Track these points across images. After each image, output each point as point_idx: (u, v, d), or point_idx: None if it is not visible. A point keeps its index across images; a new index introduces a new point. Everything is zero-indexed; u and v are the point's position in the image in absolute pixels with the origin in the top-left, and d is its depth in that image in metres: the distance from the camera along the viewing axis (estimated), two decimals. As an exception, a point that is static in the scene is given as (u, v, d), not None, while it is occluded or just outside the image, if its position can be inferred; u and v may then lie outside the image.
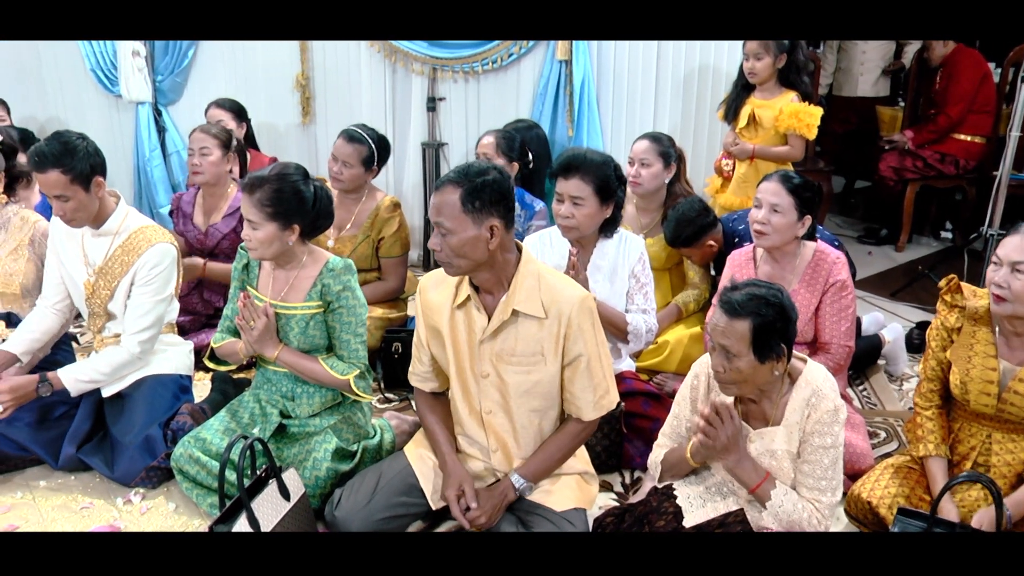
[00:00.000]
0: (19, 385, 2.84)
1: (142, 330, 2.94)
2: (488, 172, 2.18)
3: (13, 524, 2.70)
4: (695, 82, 4.39)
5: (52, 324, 3.08)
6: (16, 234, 3.12)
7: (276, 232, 2.58)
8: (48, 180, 2.74)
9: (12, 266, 3.12)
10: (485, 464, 2.45)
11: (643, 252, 2.98)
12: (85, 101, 5.63)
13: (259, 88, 5.18)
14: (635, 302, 2.97)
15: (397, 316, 3.79)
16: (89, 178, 2.80)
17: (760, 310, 2.07)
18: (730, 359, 2.11)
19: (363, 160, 3.62)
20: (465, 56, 4.60)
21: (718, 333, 2.12)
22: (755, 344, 2.07)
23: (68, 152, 2.74)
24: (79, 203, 2.81)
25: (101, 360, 2.93)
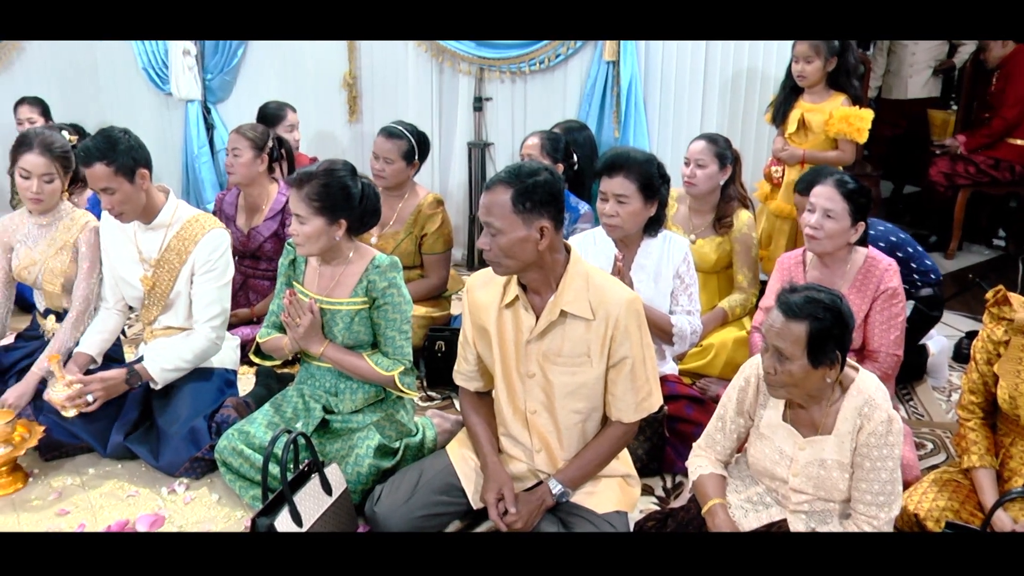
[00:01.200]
0: (109, 378, 2.90)
1: (212, 317, 3.01)
2: (539, 173, 2.18)
3: (64, 509, 2.76)
4: (742, 84, 4.35)
5: (117, 323, 3.18)
6: (64, 233, 3.17)
7: (323, 227, 2.60)
8: (94, 173, 2.82)
9: (58, 264, 3.17)
10: (528, 465, 2.44)
11: (687, 253, 2.96)
12: (136, 99, 5.75)
13: (307, 87, 5.23)
14: (679, 303, 2.95)
15: (440, 315, 3.80)
16: (133, 170, 2.86)
17: (818, 314, 2.03)
18: (783, 361, 2.07)
19: (404, 155, 3.63)
20: (512, 56, 4.61)
21: (773, 334, 2.08)
22: (810, 348, 2.04)
23: (111, 146, 2.82)
24: (125, 195, 2.87)
25: (184, 348, 2.99)
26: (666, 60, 4.45)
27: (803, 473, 2.17)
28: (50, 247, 3.16)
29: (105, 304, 3.16)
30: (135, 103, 5.76)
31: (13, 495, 2.82)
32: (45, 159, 2.99)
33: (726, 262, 3.56)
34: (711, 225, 3.53)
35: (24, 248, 3.19)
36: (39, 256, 3.16)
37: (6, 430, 2.78)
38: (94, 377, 2.89)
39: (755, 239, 3.53)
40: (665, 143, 4.58)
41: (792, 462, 2.19)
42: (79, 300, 3.14)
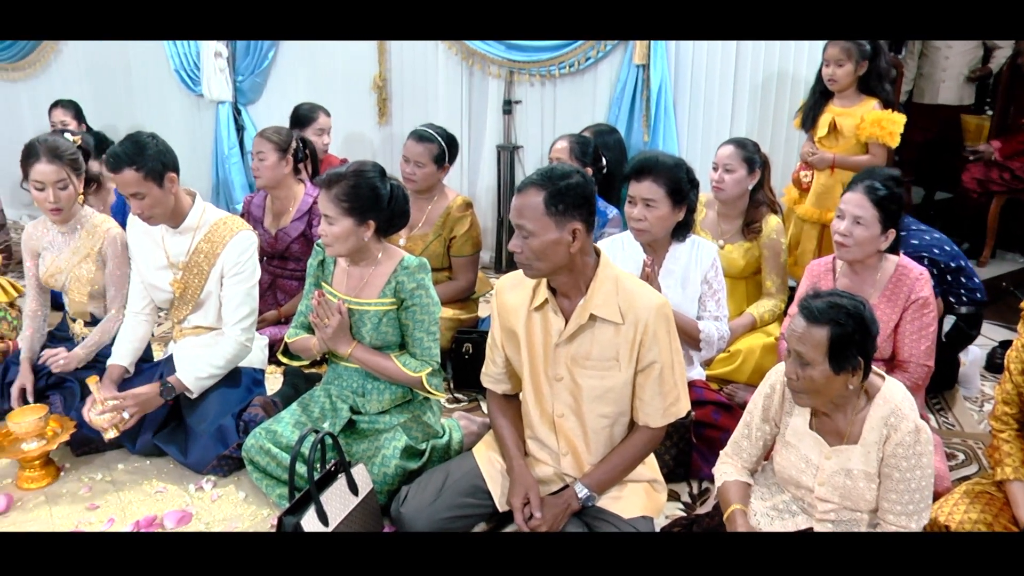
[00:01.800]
0: (143, 394, 2.91)
1: (242, 319, 3.03)
2: (572, 175, 2.17)
3: (94, 503, 2.79)
4: (773, 87, 4.32)
5: (146, 330, 3.19)
6: (87, 241, 3.20)
7: (352, 227, 2.61)
8: (123, 179, 2.84)
9: (84, 272, 3.21)
10: (554, 469, 2.43)
11: (716, 258, 2.95)
12: (168, 101, 5.82)
13: (336, 89, 5.25)
14: (707, 308, 2.94)
15: (468, 317, 3.80)
16: (162, 174, 2.88)
17: (840, 319, 2.01)
18: (804, 367, 2.05)
19: (434, 158, 3.64)
20: (542, 59, 4.60)
21: (795, 339, 2.07)
22: (831, 354, 2.01)
23: (139, 151, 2.84)
24: (154, 199, 2.89)
25: (215, 355, 3.01)
26: (696, 63, 4.43)
27: (829, 482, 2.15)
28: (74, 255, 3.20)
29: (133, 310, 3.17)
30: (167, 104, 5.84)
31: (46, 488, 2.87)
32: (55, 166, 3.01)
33: (754, 267, 3.53)
34: (739, 230, 3.51)
35: (50, 255, 3.24)
36: (64, 264, 3.20)
37: (39, 425, 2.83)
38: (129, 394, 2.90)
39: (784, 244, 3.50)
40: (695, 147, 4.56)
41: (818, 471, 2.16)
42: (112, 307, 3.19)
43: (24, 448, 2.82)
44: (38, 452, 2.82)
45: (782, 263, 3.49)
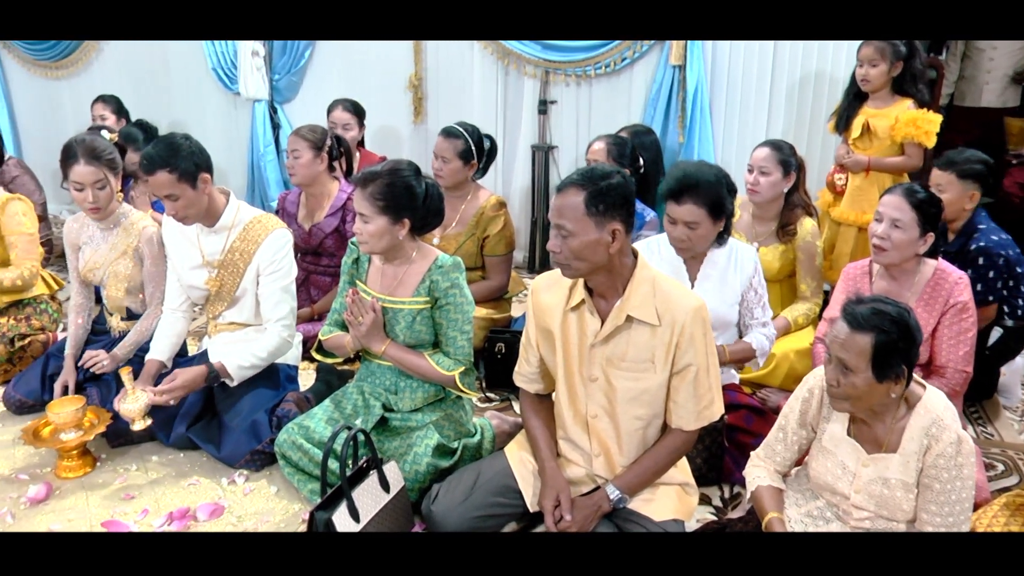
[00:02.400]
0: (189, 378, 2.94)
1: (283, 316, 3.06)
2: (612, 176, 2.16)
3: (129, 493, 2.83)
4: (809, 88, 4.28)
5: (183, 326, 3.23)
6: (125, 238, 3.24)
7: (387, 226, 2.61)
8: (157, 181, 2.86)
9: (121, 268, 3.25)
10: (586, 470, 2.42)
11: (757, 262, 2.91)
12: (205, 98, 5.89)
13: (372, 88, 5.26)
14: (755, 315, 2.90)
15: (501, 317, 3.80)
16: (195, 176, 2.90)
17: (884, 326, 1.97)
18: (846, 374, 2.02)
19: (460, 154, 3.64)
20: (578, 60, 4.59)
21: (837, 345, 2.03)
22: (875, 361, 1.98)
23: (173, 153, 2.86)
24: (188, 200, 2.92)
25: (258, 346, 3.04)
26: (732, 64, 4.40)
27: (865, 490, 2.12)
28: (112, 251, 3.24)
29: (170, 307, 3.21)
30: (204, 102, 5.90)
31: (83, 478, 2.91)
32: (93, 167, 3.05)
33: (789, 270, 3.49)
34: (774, 233, 3.47)
35: (89, 250, 3.29)
36: (102, 260, 3.25)
37: (77, 416, 2.87)
38: (176, 382, 2.91)
39: (819, 247, 3.46)
40: (730, 148, 4.53)
41: (855, 478, 2.13)
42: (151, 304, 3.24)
43: (63, 438, 2.87)
44: (75, 443, 2.88)
45: (817, 266, 3.46)
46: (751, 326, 2.90)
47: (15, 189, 4.82)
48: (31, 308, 3.75)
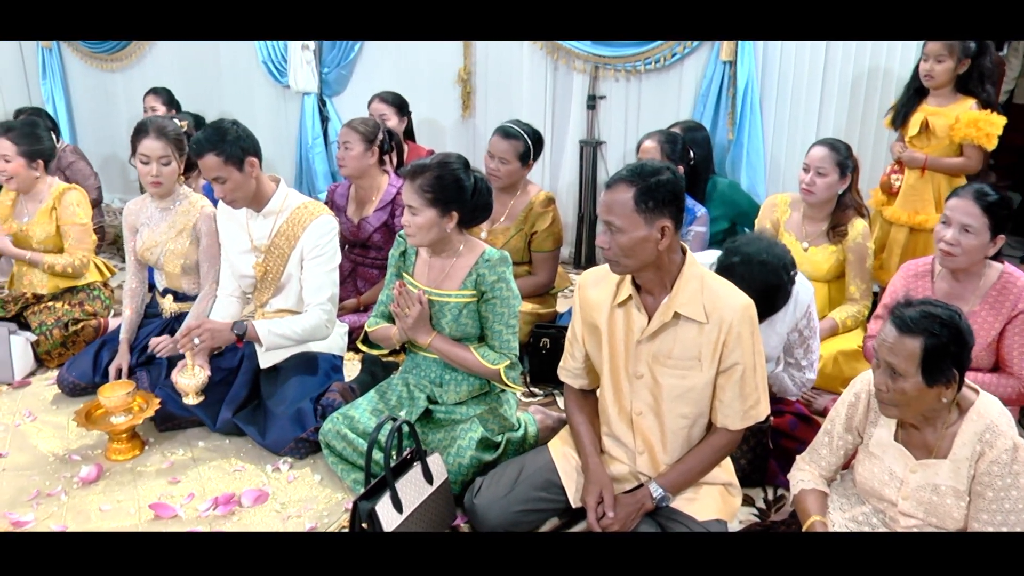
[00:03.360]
0: (216, 325, 3.00)
1: (323, 301, 3.08)
2: (662, 172, 2.14)
3: (175, 477, 2.87)
4: (863, 86, 4.19)
5: (237, 308, 3.30)
6: (183, 217, 3.34)
7: (435, 218, 2.62)
8: (206, 164, 2.94)
9: (177, 246, 3.32)
10: (629, 467, 2.41)
11: (811, 306, 2.80)
12: (255, 91, 5.96)
13: (421, 82, 5.28)
14: (793, 356, 2.83)
15: (547, 312, 3.79)
16: (242, 159, 2.97)
17: (934, 329, 1.93)
18: (895, 379, 1.98)
19: (519, 156, 3.64)
20: (628, 55, 4.55)
21: (885, 349, 1.99)
22: (924, 366, 1.93)
23: (221, 137, 2.93)
24: (235, 183, 2.98)
25: (297, 321, 3.07)
26: (784, 60, 4.32)
27: (913, 497, 2.07)
28: (171, 229, 3.33)
29: (224, 291, 3.29)
30: (253, 95, 5.97)
31: (131, 460, 2.97)
32: (161, 143, 3.18)
33: (838, 271, 3.44)
34: (825, 233, 3.42)
35: (147, 230, 3.38)
36: (160, 238, 3.33)
37: (126, 400, 2.93)
38: (203, 324, 2.96)
39: (870, 249, 3.40)
40: (780, 146, 4.46)
41: (902, 484, 2.09)
42: (206, 283, 3.30)
43: (113, 421, 2.93)
44: (125, 426, 2.93)
45: (867, 268, 3.40)
46: (789, 363, 2.85)
47: (71, 174, 4.99)
48: (84, 294, 3.84)
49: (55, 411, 3.33)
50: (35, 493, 2.78)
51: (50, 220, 3.73)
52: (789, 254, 2.58)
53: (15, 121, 3.74)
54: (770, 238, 2.62)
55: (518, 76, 4.98)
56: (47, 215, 3.73)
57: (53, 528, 2.61)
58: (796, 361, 2.84)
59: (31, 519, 2.65)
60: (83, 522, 2.64)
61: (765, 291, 2.47)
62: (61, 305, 3.77)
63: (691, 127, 4.05)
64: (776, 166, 4.50)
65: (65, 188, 3.76)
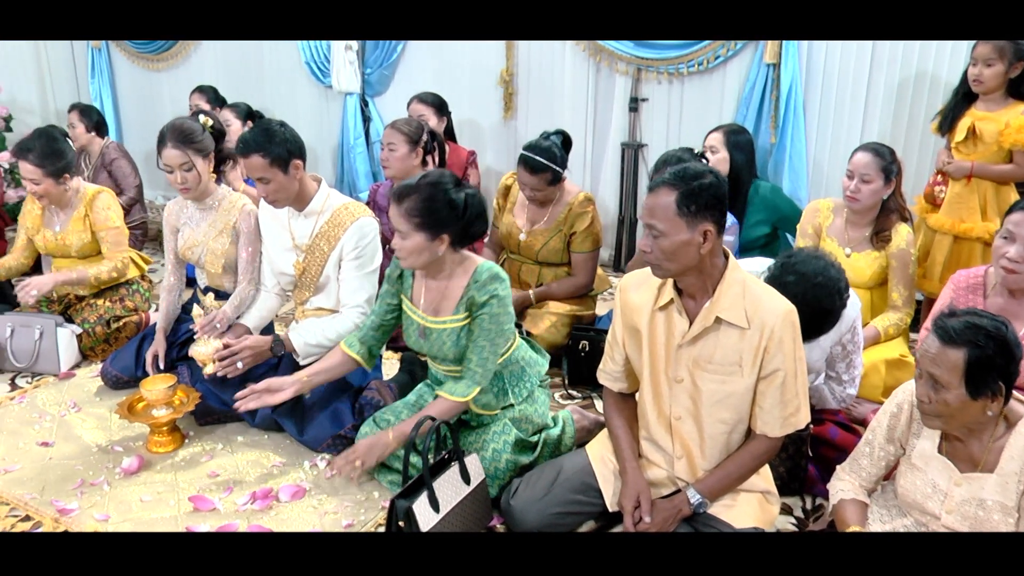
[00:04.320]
0: (257, 344, 3.06)
1: (359, 303, 3.09)
2: (705, 176, 2.12)
3: (214, 471, 2.91)
4: (910, 89, 4.12)
5: (275, 304, 3.35)
6: (224, 216, 3.35)
7: (424, 242, 2.55)
8: (251, 164, 2.95)
9: (218, 245, 3.35)
10: (667, 472, 2.39)
11: (856, 320, 2.76)
12: (297, 91, 6.02)
13: (463, 83, 5.30)
14: (834, 369, 2.80)
15: (586, 314, 3.78)
16: (287, 161, 2.97)
17: (979, 341, 1.88)
18: (937, 390, 1.94)
19: (550, 182, 3.60)
20: (671, 57, 4.53)
21: (928, 360, 1.95)
22: (968, 377, 1.89)
23: (268, 138, 2.94)
24: (279, 184, 3.00)
25: (328, 327, 3.09)
26: (829, 63, 4.27)
27: (958, 511, 2.03)
28: (211, 228, 3.36)
29: (264, 288, 3.33)
30: (296, 94, 6.03)
31: (172, 453, 3.01)
32: (178, 151, 3.18)
33: (881, 278, 3.38)
34: (868, 239, 3.36)
35: (188, 230, 3.41)
36: (201, 238, 3.36)
37: (168, 393, 2.97)
38: (242, 344, 3.05)
39: (914, 255, 3.33)
40: (823, 150, 4.40)
41: (946, 498, 2.05)
42: (243, 280, 3.32)
43: (154, 414, 2.98)
44: (166, 419, 2.97)
45: (911, 275, 3.33)
46: (830, 376, 2.81)
47: (113, 171, 5.09)
48: (124, 289, 3.92)
49: (98, 403, 3.39)
50: (79, 482, 2.83)
51: (84, 227, 3.79)
52: (844, 277, 2.54)
53: (32, 141, 3.64)
54: (827, 258, 2.56)
55: (560, 78, 4.97)
56: (81, 222, 3.79)
57: (96, 517, 2.65)
58: (838, 375, 2.80)
59: (75, 507, 2.70)
60: (124, 512, 2.68)
61: (817, 314, 2.45)
62: (103, 302, 3.85)
63: (734, 130, 4.01)
64: (819, 170, 4.44)
65: (94, 193, 3.79)
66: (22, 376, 3.66)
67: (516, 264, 3.90)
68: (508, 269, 3.94)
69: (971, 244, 3.60)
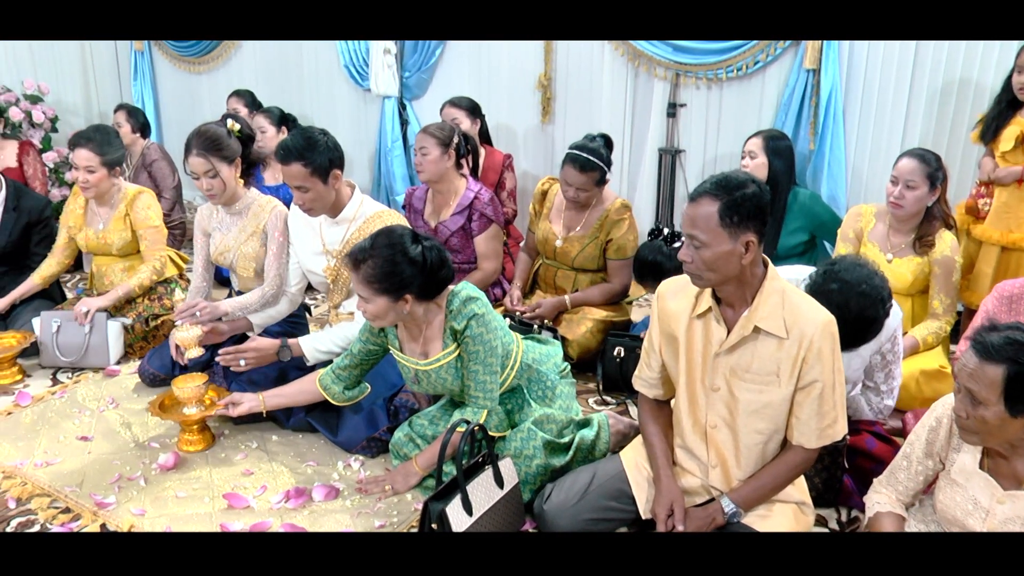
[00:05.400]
0: (263, 346, 3.09)
1: None
2: (747, 185, 2.09)
3: (249, 469, 2.94)
4: (952, 97, 4.04)
5: (286, 307, 3.39)
6: (254, 220, 3.37)
7: (388, 304, 2.53)
8: (291, 172, 2.95)
9: (249, 250, 3.37)
10: (701, 481, 2.37)
11: (898, 330, 2.73)
12: (336, 94, 6.06)
13: (501, 87, 5.30)
14: (873, 379, 2.76)
15: (620, 320, 3.76)
16: (327, 171, 2.98)
17: (1019, 358, 1.83)
18: (975, 406, 1.89)
19: (597, 182, 3.62)
20: (709, 62, 4.49)
21: (965, 375, 1.91)
22: (1007, 394, 1.84)
23: (310, 147, 2.94)
24: (317, 194, 3.00)
25: (337, 333, 3.11)
26: (870, 68, 4.20)
27: (1000, 529, 1.98)
28: (241, 233, 3.38)
29: (286, 290, 3.36)
30: (334, 98, 6.08)
31: (205, 451, 3.04)
32: (202, 158, 3.20)
33: (923, 285, 3.32)
34: (910, 245, 3.31)
35: (219, 234, 3.44)
36: (232, 243, 3.39)
37: (198, 391, 3.00)
38: (249, 345, 3.08)
39: (957, 263, 3.27)
40: (863, 156, 4.34)
41: (988, 515, 2.00)
42: (269, 282, 3.33)
43: (185, 412, 3.01)
44: (196, 417, 3.00)
45: (953, 283, 3.27)
46: (868, 386, 2.77)
47: (153, 172, 5.18)
48: (163, 288, 3.98)
49: (136, 399, 3.44)
50: (117, 477, 2.87)
51: (125, 226, 3.85)
52: (887, 286, 2.51)
53: (90, 131, 3.75)
54: (871, 267, 2.53)
55: (598, 83, 4.95)
56: (122, 221, 3.85)
57: (132, 511, 2.69)
58: (876, 385, 2.77)
59: (113, 501, 2.74)
60: (160, 507, 2.72)
61: (859, 323, 2.43)
62: (142, 300, 3.92)
63: (774, 136, 3.97)
64: (858, 177, 4.38)
65: (136, 192, 3.86)
66: (63, 371, 3.72)
67: (552, 270, 3.89)
68: (544, 274, 3.94)
69: (1020, 255, 3.53)
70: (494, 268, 3.95)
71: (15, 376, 3.64)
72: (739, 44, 4.40)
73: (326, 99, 6.11)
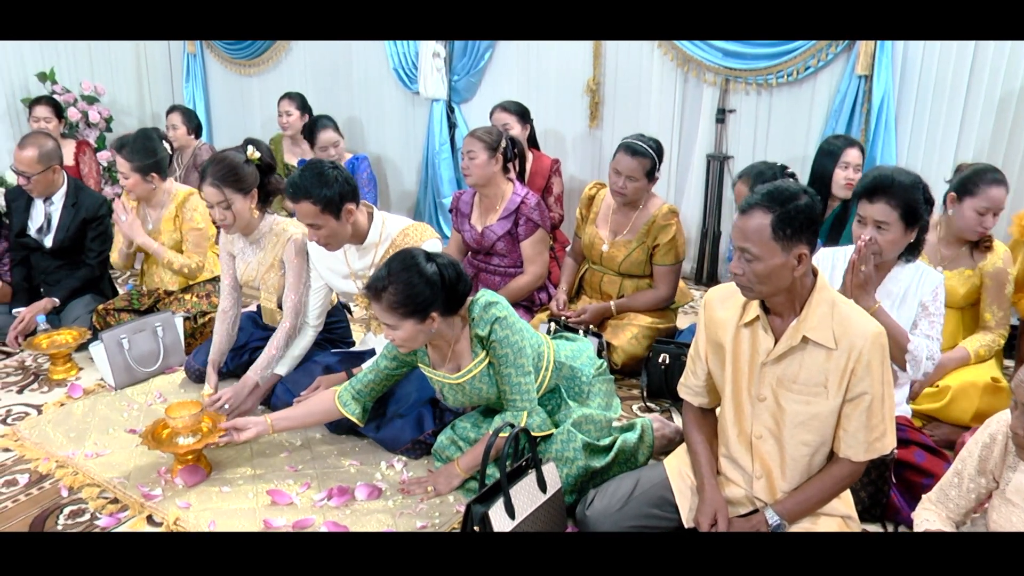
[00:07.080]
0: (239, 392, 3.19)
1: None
2: (799, 196, 2.07)
3: (293, 466, 2.97)
4: (1011, 105, 3.95)
5: (306, 342, 3.33)
6: (271, 251, 3.33)
7: (415, 327, 2.53)
8: (301, 210, 2.90)
9: (271, 280, 3.36)
10: (745, 491, 2.34)
11: (939, 288, 2.73)
12: (385, 97, 6.12)
13: (549, 91, 5.31)
14: (919, 327, 2.72)
15: (666, 327, 3.75)
16: (339, 207, 2.92)
17: None
18: None
19: (647, 173, 3.61)
20: (760, 68, 4.45)
21: (1023, 391, 1.87)
22: None
23: (319, 184, 2.87)
24: (331, 230, 2.95)
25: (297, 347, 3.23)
26: (924, 75, 4.13)
27: (1057, 551, 1.93)
28: (260, 266, 3.36)
29: (307, 322, 3.31)
30: (383, 100, 6.14)
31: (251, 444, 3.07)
32: (215, 189, 3.15)
33: (974, 297, 3.25)
34: (962, 256, 3.24)
35: (241, 262, 3.42)
36: (253, 272, 3.39)
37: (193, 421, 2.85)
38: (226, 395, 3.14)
39: (1011, 275, 3.20)
40: (915, 164, 4.25)
41: (1045, 536, 1.95)
42: (289, 314, 3.26)
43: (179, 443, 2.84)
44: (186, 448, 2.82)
45: (1007, 295, 3.20)
46: (913, 334, 2.72)
47: (202, 171, 5.23)
48: (211, 286, 4.03)
49: (183, 395, 3.51)
50: (163, 470, 2.92)
51: (175, 227, 3.91)
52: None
53: (129, 137, 3.82)
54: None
55: (647, 87, 4.94)
56: (171, 222, 3.91)
57: (178, 504, 2.73)
58: (923, 331, 2.72)
59: (159, 494, 2.79)
60: (204, 501, 2.76)
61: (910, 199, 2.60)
62: (190, 298, 3.97)
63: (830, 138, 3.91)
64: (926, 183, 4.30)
65: (187, 194, 3.91)
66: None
67: (598, 275, 3.88)
68: (590, 279, 3.93)
69: (1079, 270, 3.43)
70: (540, 272, 3.94)
71: (69, 371, 3.73)
72: (790, 49, 4.36)
73: (375, 102, 6.17)
